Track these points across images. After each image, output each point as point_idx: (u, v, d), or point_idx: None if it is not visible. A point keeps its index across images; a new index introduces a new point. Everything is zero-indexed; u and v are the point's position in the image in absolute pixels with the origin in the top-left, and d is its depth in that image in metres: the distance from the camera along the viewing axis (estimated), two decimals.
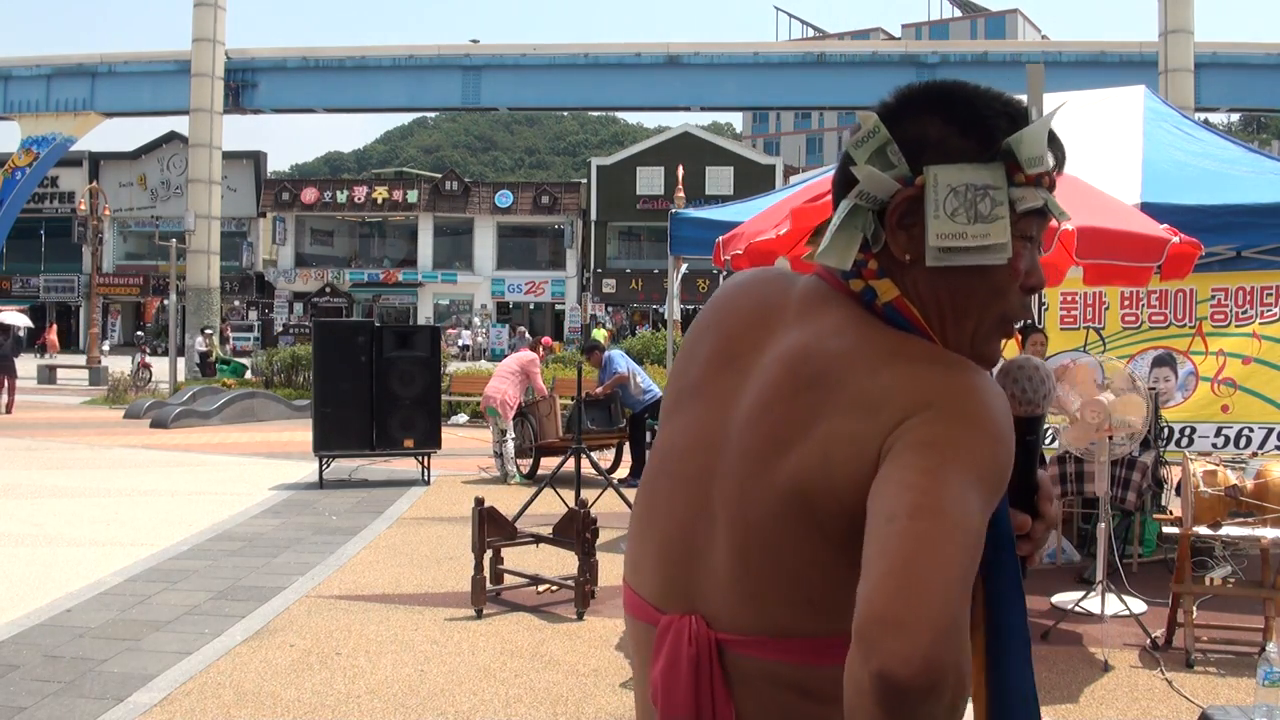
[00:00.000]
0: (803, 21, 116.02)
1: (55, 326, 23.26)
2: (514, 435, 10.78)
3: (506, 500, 8.95)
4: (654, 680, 1.11)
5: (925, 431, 0.99)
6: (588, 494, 6.59)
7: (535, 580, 6.20)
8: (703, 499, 1.12)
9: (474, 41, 35.41)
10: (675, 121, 61.68)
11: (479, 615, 5.72)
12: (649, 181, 44.59)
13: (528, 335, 38.19)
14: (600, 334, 34.42)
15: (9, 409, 19.30)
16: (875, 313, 1.11)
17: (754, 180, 39.08)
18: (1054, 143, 1.16)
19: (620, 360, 11.22)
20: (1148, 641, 5.18)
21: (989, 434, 1.00)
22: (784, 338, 1.13)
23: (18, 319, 26.07)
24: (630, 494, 9.34)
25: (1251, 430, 7.74)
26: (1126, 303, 8.03)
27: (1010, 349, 7.27)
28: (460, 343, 36.61)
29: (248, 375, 23.34)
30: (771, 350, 1.13)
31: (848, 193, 1.13)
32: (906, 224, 1.10)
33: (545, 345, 11.56)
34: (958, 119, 1.12)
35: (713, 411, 1.15)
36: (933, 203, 1.07)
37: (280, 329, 44.07)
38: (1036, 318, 8.18)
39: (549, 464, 10.07)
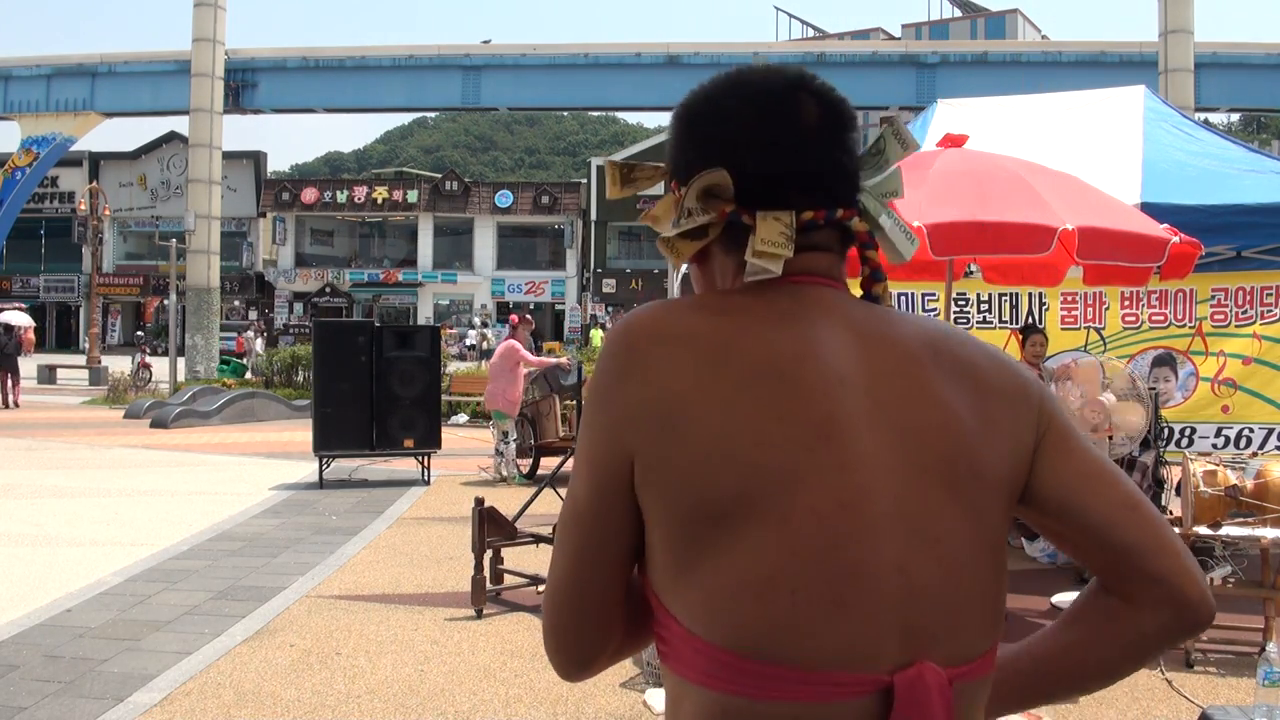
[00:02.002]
0: (803, 21, 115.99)
1: (33, 326, 23.27)
2: (515, 436, 10.76)
3: (506, 500, 8.95)
4: None
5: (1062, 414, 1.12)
6: None
7: (535, 580, 6.20)
8: (894, 542, 0.98)
9: (486, 42, 35.38)
10: None
11: (479, 615, 5.72)
12: None
13: (528, 336, 38.33)
14: (596, 335, 34.42)
15: (15, 403, 19.83)
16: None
17: None
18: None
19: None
20: None
21: None
22: (877, 346, 1.06)
23: (21, 319, 26.29)
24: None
25: (1251, 430, 7.74)
26: (1127, 303, 8.04)
27: (1012, 349, 7.27)
28: (467, 343, 36.53)
29: (248, 375, 23.36)
30: (876, 363, 1.04)
31: (847, 189, 1.13)
32: None
33: (513, 324, 11.38)
34: (857, 138, 1.18)
35: (854, 446, 1.00)
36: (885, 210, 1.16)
37: (280, 329, 44.10)
38: (1037, 318, 8.19)
39: (549, 464, 10.07)
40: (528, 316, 11.79)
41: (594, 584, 1.06)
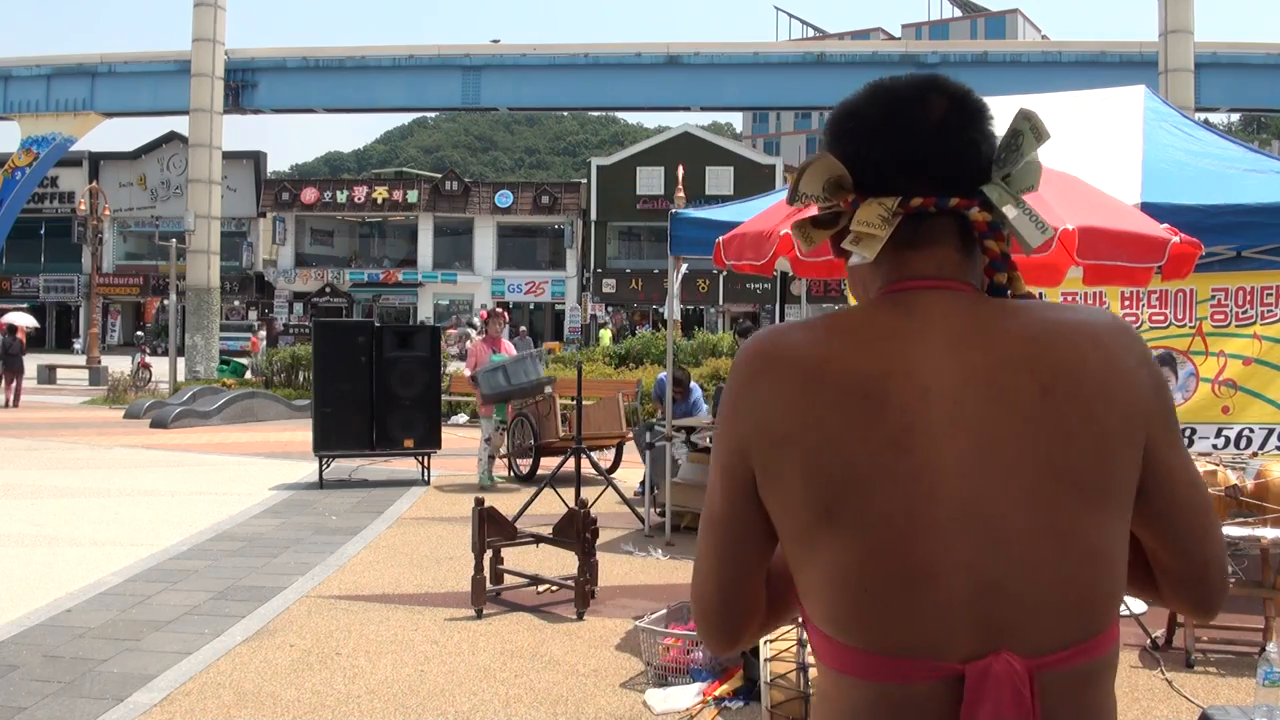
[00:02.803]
0: (803, 21, 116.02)
1: (34, 327, 23.37)
2: (486, 437, 10.45)
3: (506, 500, 8.95)
4: None
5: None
6: (588, 494, 6.60)
7: (535, 580, 6.20)
8: (966, 538, 1.06)
9: (495, 41, 35.43)
10: (675, 121, 61.58)
11: (479, 615, 5.72)
12: (649, 181, 44.60)
13: (528, 336, 38.29)
14: (605, 335, 34.37)
15: (15, 403, 20.08)
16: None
17: (754, 180, 39.09)
18: None
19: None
20: (1148, 641, 5.18)
21: None
22: (970, 354, 1.11)
23: (25, 319, 26.65)
24: (624, 492, 9.33)
25: (1252, 431, 7.73)
26: (1126, 303, 8.03)
27: None
28: (468, 344, 36.47)
29: (248, 375, 23.36)
30: (967, 370, 1.10)
31: (973, 179, 1.17)
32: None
33: (481, 319, 11.08)
34: (991, 135, 1.22)
35: (934, 454, 1.08)
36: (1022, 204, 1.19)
37: (277, 330, 44.10)
38: None
39: (549, 464, 10.07)
40: (498, 310, 11.23)
41: (734, 580, 1.21)
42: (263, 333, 34.27)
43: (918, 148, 1.15)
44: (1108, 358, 1.11)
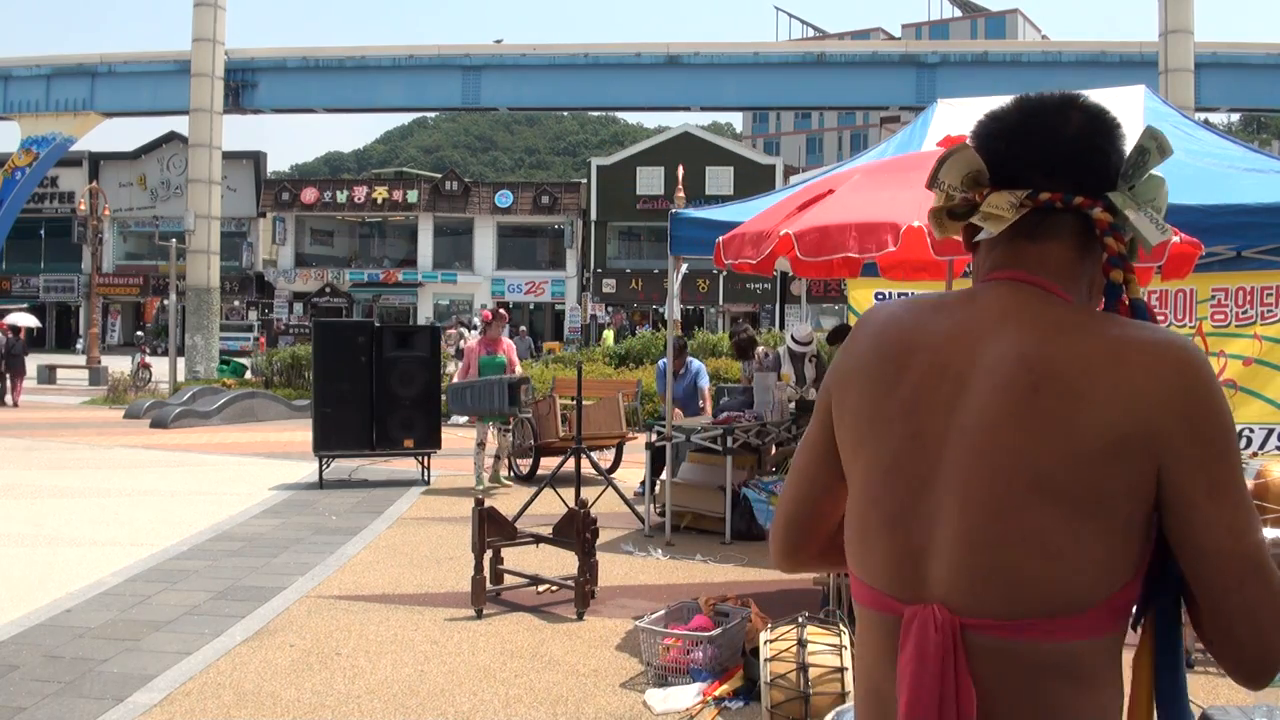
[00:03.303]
0: (803, 21, 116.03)
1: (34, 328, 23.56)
2: (479, 440, 10.24)
3: (506, 500, 8.95)
4: (901, 667, 1.19)
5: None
6: (588, 494, 6.60)
7: (535, 580, 6.20)
8: (934, 498, 1.20)
9: (498, 41, 35.40)
10: (675, 121, 61.60)
11: (479, 615, 5.72)
12: (649, 181, 44.60)
13: (528, 336, 38.24)
14: (608, 335, 34.32)
15: (15, 403, 20.31)
16: (1116, 308, 1.27)
17: (754, 180, 39.10)
18: None
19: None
20: None
21: None
22: (996, 344, 1.22)
23: (27, 319, 26.81)
24: (627, 492, 9.33)
25: (1252, 431, 7.73)
26: None
27: None
28: (464, 343, 36.43)
29: (248, 375, 23.36)
30: (987, 358, 1.22)
31: (1097, 184, 1.27)
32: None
33: (484, 319, 10.75)
34: (1120, 150, 1.30)
35: (931, 422, 1.23)
36: (1148, 203, 1.27)
37: (280, 329, 44.10)
38: None
39: (549, 464, 10.07)
40: (501, 312, 11.01)
41: (804, 496, 1.42)
42: (262, 337, 34.22)
43: (1053, 150, 1.26)
44: (1117, 370, 1.15)
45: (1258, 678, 1.16)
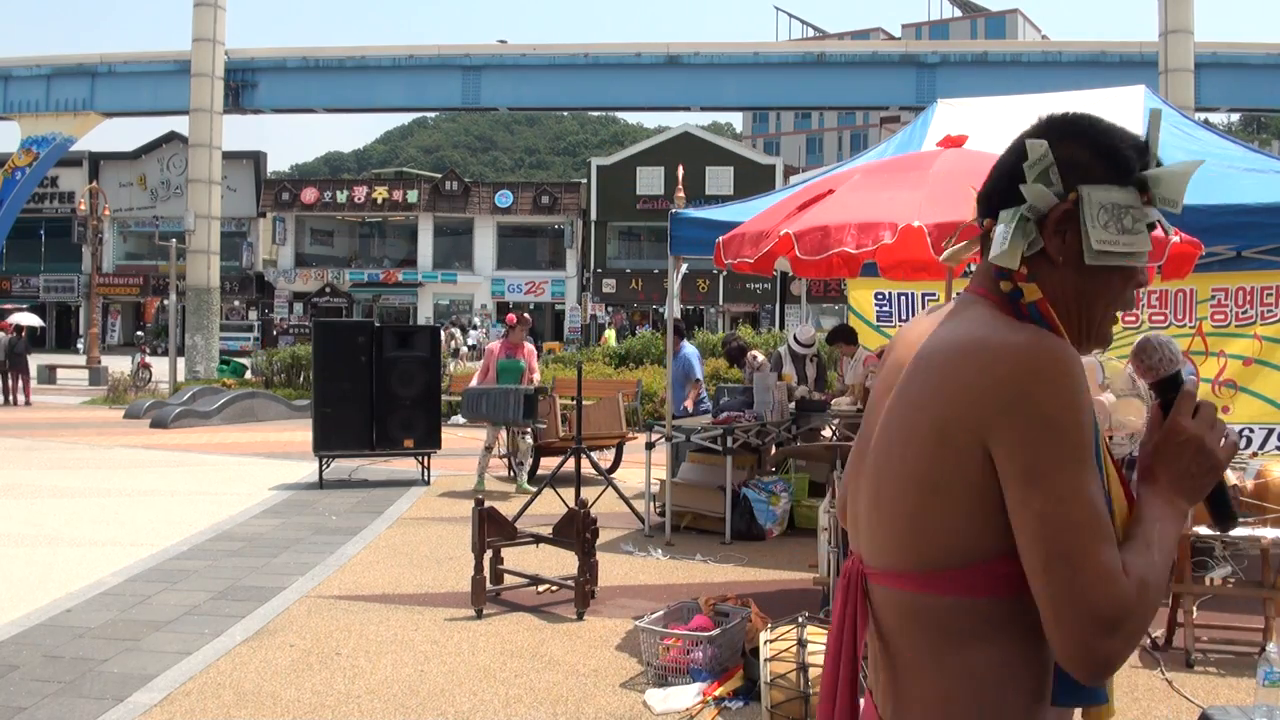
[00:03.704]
0: (803, 21, 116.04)
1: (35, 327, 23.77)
2: (488, 441, 10.18)
3: (506, 500, 8.95)
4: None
5: None
6: (588, 494, 6.60)
7: (535, 580, 6.20)
8: (859, 473, 1.45)
9: (502, 41, 35.37)
10: (675, 121, 61.59)
11: (479, 615, 5.72)
12: (649, 181, 44.60)
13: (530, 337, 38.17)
14: (610, 335, 34.32)
15: (27, 401, 20.67)
16: (1019, 311, 1.35)
17: (754, 180, 39.10)
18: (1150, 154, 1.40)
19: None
20: (1148, 641, 5.18)
21: None
22: (918, 348, 1.40)
23: (31, 319, 27.01)
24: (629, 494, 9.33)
25: (1252, 431, 7.73)
26: None
27: None
28: (469, 343, 36.39)
29: (248, 375, 23.36)
30: (906, 360, 1.40)
31: (1002, 204, 1.39)
32: (1061, 231, 1.35)
33: (509, 323, 10.56)
34: (1100, 148, 1.35)
35: (880, 405, 1.43)
36: (1088, 216, 1.33)
37: (282, 328, 44.10)
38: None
39: (549, 464, 10.07)
40: (525, 316, 10.92)
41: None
42: (263, 340, 34.25)
43: (991, 181, 1.43)
44: (961, 365, 1.29)
45: (1074, 668, 1.20)
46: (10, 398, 20.77)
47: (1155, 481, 1.31)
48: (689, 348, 10.44)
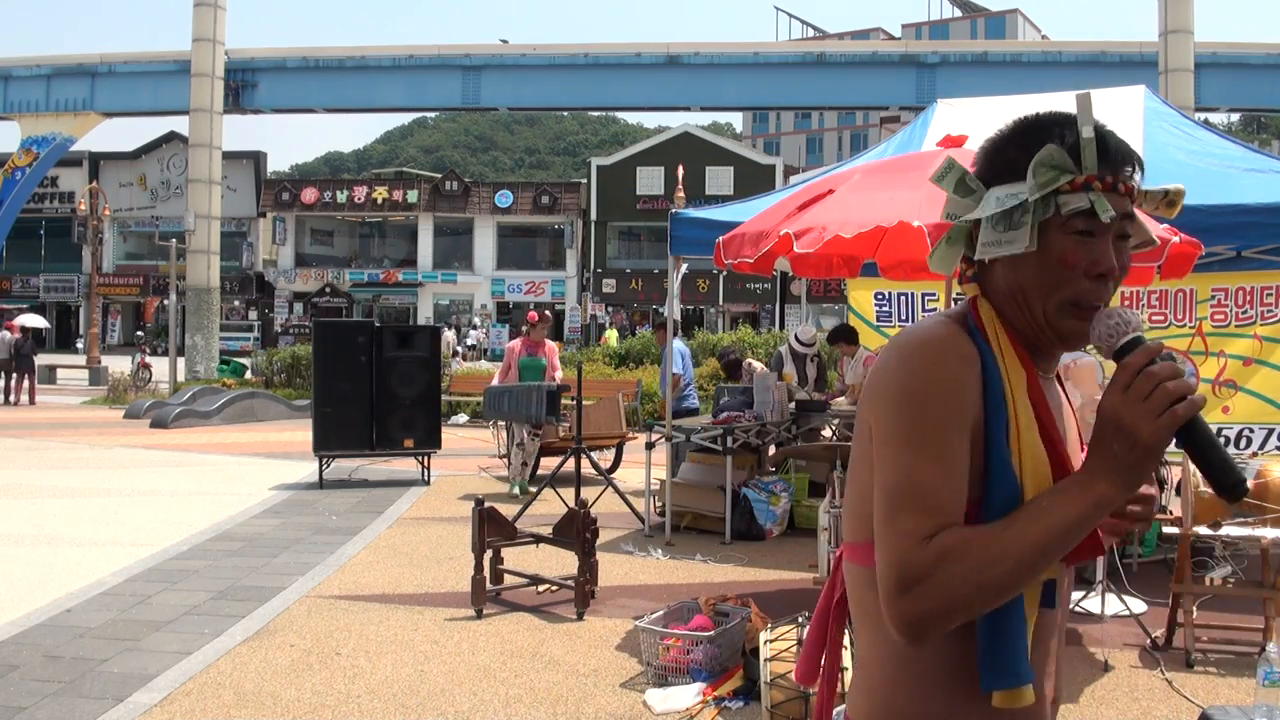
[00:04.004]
0: (803, 21, 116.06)
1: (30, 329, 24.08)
2: (519, 444, 9.97)
3: (507, 500, 8.95)
4: None
5: None
6: (587, 494, 6.60)
7: (535, 580, 6.20)
8: None
9: (503, 41, 35.40)
10: (675, 121, 61.62)
11: (479, 615, 5.72)
12: (649, 181, 44.59)
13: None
14: (612, 335, 34.31)
15: (32, 400, 21.00)
16: (966, 309, 1.39)
17: (754, 180, 39.10)
18: (1111, 150, 1.35)
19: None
20: (1148, 641, 5.18)
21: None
22: None
23: (37, 320, 27.20)
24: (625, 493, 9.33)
25: (1252, 431, 7.73)
26: (1126, 303, 8.02)
27: None
28: (468, 343, 36.38)
29: (248, 375, 23.36)
30: None
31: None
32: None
33: (531, 320, 10.37)
34: (1027, 144, 1.34)
35: None
36: (985, 216, 1.35)
37: (283, 327, 44.09)
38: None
39: (549, 464, 10.06)
40: (546, 314, 10.61)
41: None
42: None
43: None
44: (874, 371, 1.37)
45: (889, 627, 1.23)
46: (15, 397, 20.98)
47: (1085, 462, 1.24)
48: (676, 344, 10.37)
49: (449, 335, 34.70)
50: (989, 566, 1.18)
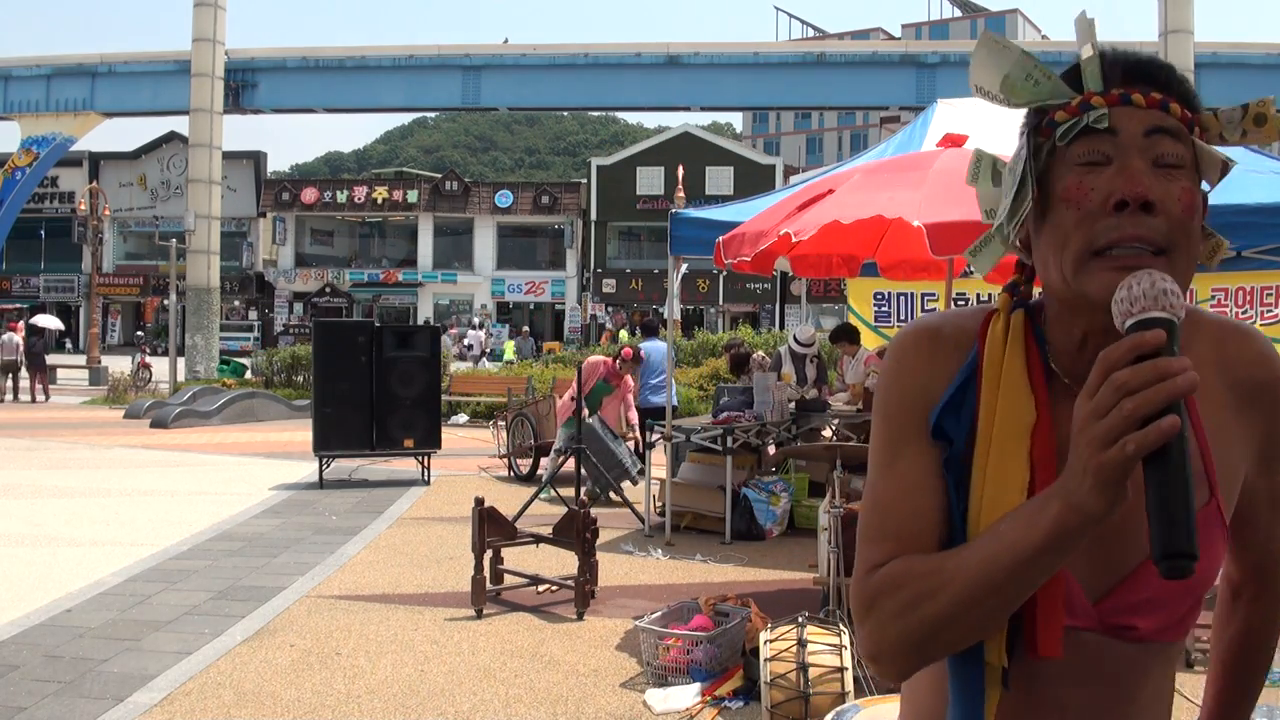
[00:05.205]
0: (803, 21, 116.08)
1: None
2: (559, 449, 9.50)
3: (507, 500, 8.95)
4: None
5: None
6: (587, 494, 6.59)
7: (535, 580, 6.20)
8: None
9: (505, 41, 35.41)
10: (675, 121, 61.63)
11: (479, 615, 5.72)
12: (649, 181, 44.58)
13: (530, 337, 38.15)
14: (624, 336, 34.27)
15: (45, 398, 21.69)
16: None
17: (754, 180, 39.09)
18: (1124, 68, 1.07)
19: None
20: None
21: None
22: None
23: (50, 321, 27.47)
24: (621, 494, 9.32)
25: None
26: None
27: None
28: (466, 343, 36.34)
29: (248, 375, 23.36)
30: None
31: None
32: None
33: (626, 357, 9.80)
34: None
35: None
36: (1005, 192, 1.12)
37: (280, 329, 44.09)
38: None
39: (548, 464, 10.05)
40: (641, 355, 9.99)
41: None
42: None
43: None
44: None
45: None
46: (32, 395, 21.69)
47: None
48: (656, 343, 10.32)
49: (446, 342, 34.67)
50: (924, 601, 1.00)
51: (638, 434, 9.62)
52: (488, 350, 35.91)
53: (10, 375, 21.82)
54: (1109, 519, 0.90)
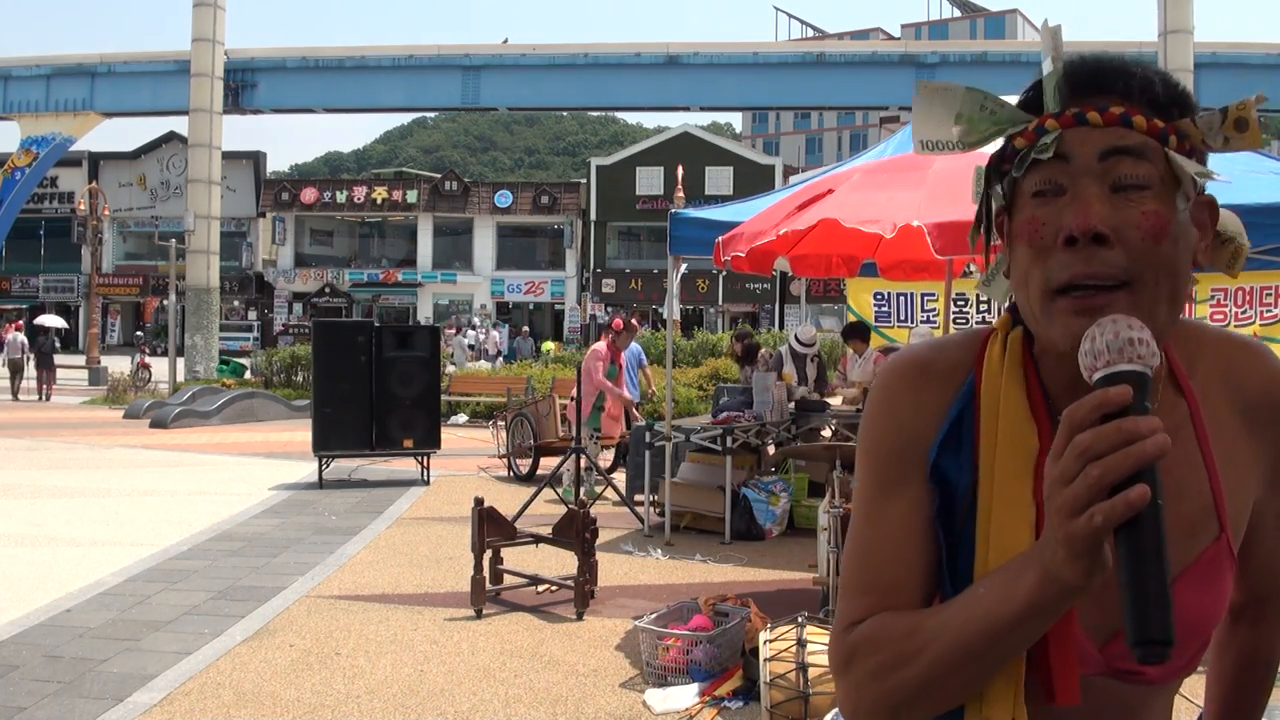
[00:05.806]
0: (802, 21, 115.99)
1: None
2: (593, 452, 9.28)
3: (506, 500, 8.95)
4: None
5: None
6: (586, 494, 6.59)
7: (535, 580, 6.20)
8: None
9: (505, 41, 35.40)
10: (675, 121, 61.65)
11: (479, 615, 5.73)
12: (649, 181, 44.59)
13: (530, 337, 38.10)
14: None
15: (49, 397, 21.99)
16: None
17: (753, 180, 39.09)
18: (1085, 79, 1.00)
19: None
20: None
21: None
22: None
23: (56, 320, 27.62)
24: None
25: None
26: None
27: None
28: (466, 343, 36.31)
29: (247, 375, 23.37)
30: None
31: None
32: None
33: (616, 328, 9.92)
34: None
35: None
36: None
37: (280, 329, 44.08)
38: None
39: (549, 464, 10.07)
40: (634, 323, 10.12)
41: None
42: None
43: None
44: None
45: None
46: (39, 394, 21.96)
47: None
48: (629, 349, 10.32)
49: (473, 333, 34.64)
50: (901, 666, 0.94)
51: (636, 413, 10.07)
52: (502, 350, 35.67)
53: (16, 375, 22.20)
54: (1090, 589, 0.83)
